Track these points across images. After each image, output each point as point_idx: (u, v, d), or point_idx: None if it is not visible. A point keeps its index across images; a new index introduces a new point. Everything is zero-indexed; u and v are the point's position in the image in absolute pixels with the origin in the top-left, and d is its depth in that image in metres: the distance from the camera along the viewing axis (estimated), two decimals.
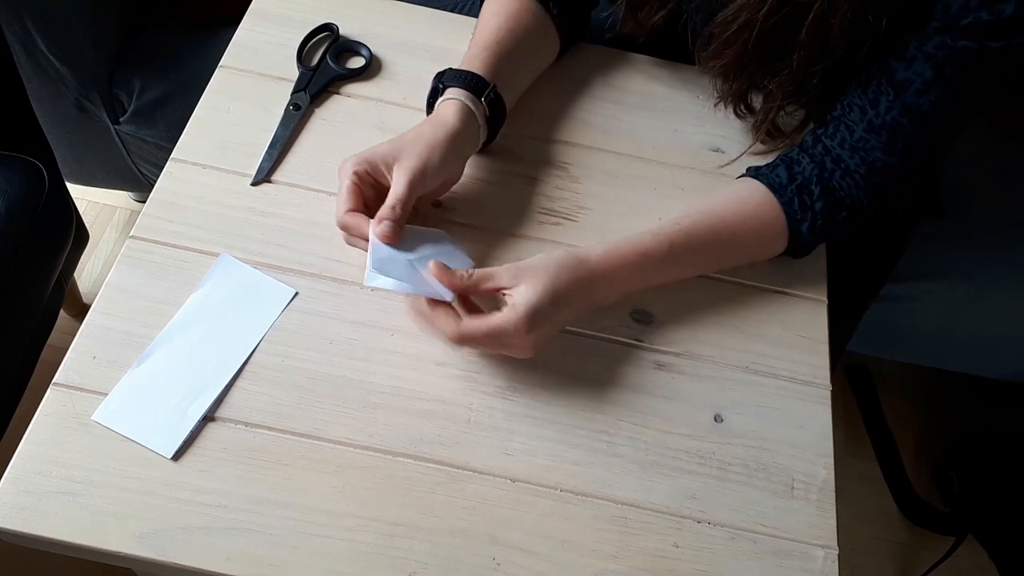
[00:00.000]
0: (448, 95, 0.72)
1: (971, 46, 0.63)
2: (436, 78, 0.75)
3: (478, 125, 0.73)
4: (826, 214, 0.72)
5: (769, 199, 0.72)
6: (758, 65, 0.72)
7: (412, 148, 0.67)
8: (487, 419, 0.65)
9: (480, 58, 0.74)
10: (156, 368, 0.64)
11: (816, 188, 0.72)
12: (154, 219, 0.71)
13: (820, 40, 0.67)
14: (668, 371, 0.69)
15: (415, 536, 0.60)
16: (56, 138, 1.23)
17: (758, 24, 0.68)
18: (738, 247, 0.73)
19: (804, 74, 0.70)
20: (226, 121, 0.77)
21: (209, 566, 0.57)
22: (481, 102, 0.72)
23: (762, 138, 0.79)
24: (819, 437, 0.67)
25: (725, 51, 0.72)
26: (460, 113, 0.71)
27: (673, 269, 0.71)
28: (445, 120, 0.70)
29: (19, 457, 0.59)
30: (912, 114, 0.68)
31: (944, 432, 1.48)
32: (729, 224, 0.71)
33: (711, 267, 0.74)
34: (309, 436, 0.62)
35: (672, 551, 0.62)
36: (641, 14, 0.79)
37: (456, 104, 0.71)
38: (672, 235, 0.69)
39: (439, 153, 0.68)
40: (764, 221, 0.72)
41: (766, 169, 0.75)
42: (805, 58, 0.68)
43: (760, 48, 0.70)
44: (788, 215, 0.72)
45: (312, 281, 0.69)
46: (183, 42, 1.16)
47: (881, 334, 1.19)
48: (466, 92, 0.72)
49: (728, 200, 0.73)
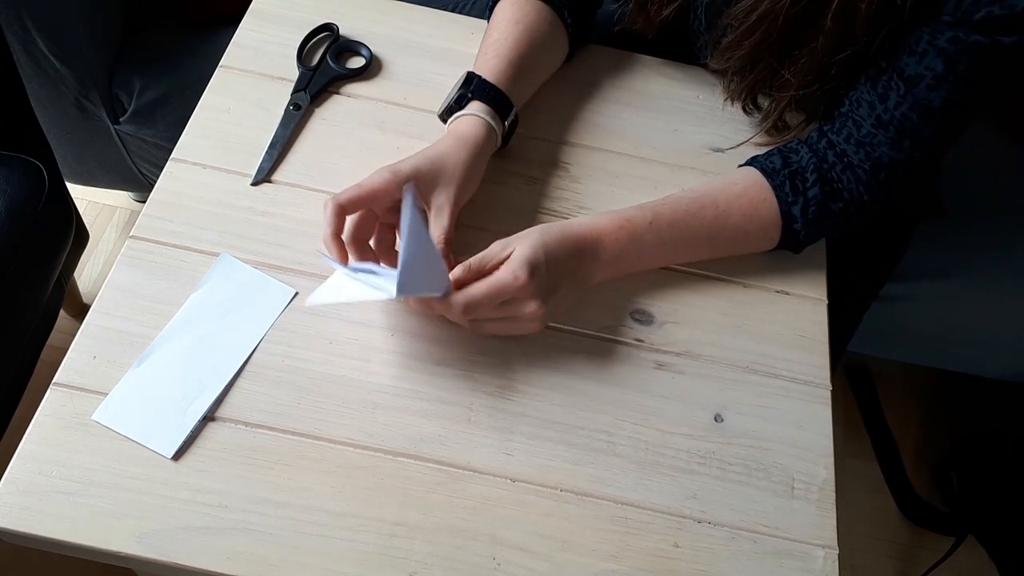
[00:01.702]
0: (474, 110, 0.73)
1: (983, 41, 0.63)
2: (465, 84, 0.74)
3: (496, 145, 0.75)
4: (820, 201, 0.72)
5: (760, 181, 0.73)
6: (776, 55, 0.72)
7: (453, 175, 0.69)
8: (487, 419, 0.65)
9: (507, 74, 0.75)
10: (156, 368, 0.64)
11: (811, 176, 0.72)
12: (154, 219, 0.71)
13: (845, 26, 0.66)
14: (668, 371, 0.69)
15: (415, 536, 0.60)
16: (56, 138, 1.23)
17: (781, 14, 0.67)
18: (727, 227, 0.72)
19: (825, 62, 0.69)
20: (226, 121, 0.78)
21: (209, 566, 0.57)
22: (504, 124, 0.74)
23: (768, 129, 0.79)
24: (819, 437, 0.67)
25: (743, 42, 0.72)
26: (485, 131, 0.72)
27: (660, 241, 0.71)
28: (475, 141, 0.71)
29: (19, 457, 0.59)
30: (922, 109, 0.68)
31: (944, 432, 1.48)
32: (718, 201, 0.72)
33: (702, 247, 0.73)
34: (309, 436, 0.63)
35: (672, 551, 0.62)
36: (651, 9, 0.79)
37: (483, 124, 0.72)
38: (656, 205, 0.71)
39: (475, 176, 0.71)
40: (752, 200, 0.72)
41: (761, 156, 0.75)
42: (828, 45, 0.68)
43: (780, 38, 0.70)
44: (779, 197, 0.72)
45: (312, 281, 0.69)
46: (183, 42, 1.16)
47: (881, 334, 1.19)
48: (491, 111, 0.73)
49: (718, 181, 0.74)
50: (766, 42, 0.70)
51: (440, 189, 0.68)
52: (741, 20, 0.70)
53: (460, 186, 0.69)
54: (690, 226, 0.71)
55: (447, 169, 0.68)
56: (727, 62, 0.75)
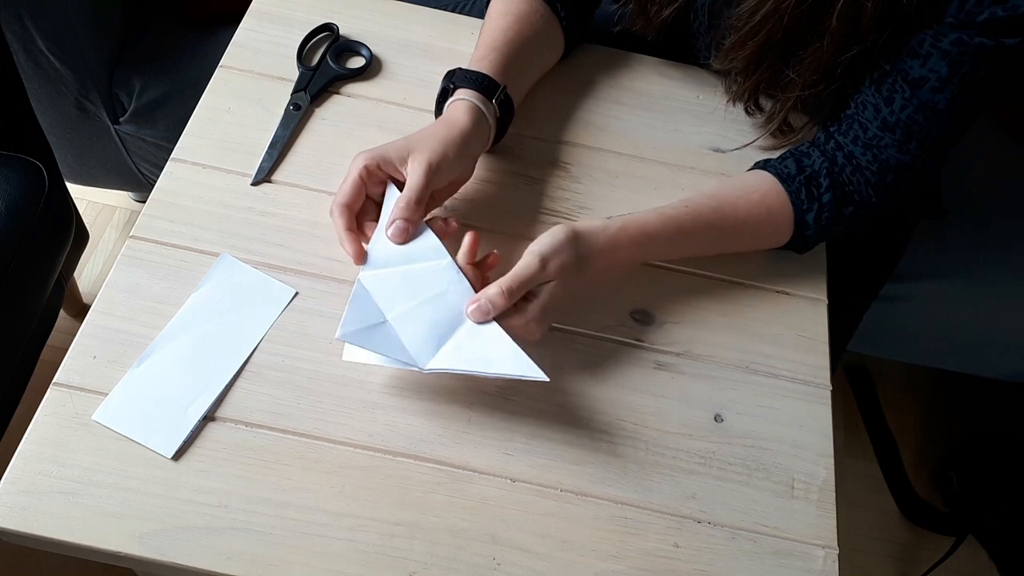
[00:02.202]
0: (459, 96, 0.72)
1: (987, 43, 0.63)
2: (446, 78, 0.75)
3: (488, 126, 0.73)
4: (832, 207, 0.72)
5: (776, 188, 0.73)
6: (780, 55, 0.72)
7: (426, 143, 0.68)
8: (487, 419, 0.65)
9: (489, 59, 0.74)
10: (156, 368, 0.64)
11: (825, 181, 0.72)
12: (154, 219, 0.71)
13: (851, 26, 0.66)
14: (668, 371, 0.69)
15: (415, 536, 0.60)
16: (56, 138, 1.23)
17: (786, 14, 0.67)
18: (742, 233, 0.73)
19: (831, 61, 0.69)
20: (226, 121, 0.77)
21: (209, 566, 0.57)
22: (492, 103, 0.73)
23: (772, 131, 0.79)
24: (819, 437, 0.67)
25: (748, 43, 0.71)
26: (471, 114, 0.71)
27: (676, 249, 0.72)
28: (457, 120, 0.70)
29: (19, 457, 0.59)
30: (927, 111, 0.68)
31: (944, 432, 1.48)
32: (738, 211, 0.72)
33: (713, 251, 0.74)
34: (309, 436, 0.62)
35: (672, 551, 0.62)
36: (651, 10, 0.79)
37: (467, 105, 0.71)
38: (679, 217, 0.70)
39: (453, 150, 0.68)
40: (770, 208, 0.72)
41: (775, 161, 0.75)
42: (833, 45, 0.68)
43: (784, 38, 0.69)
44: (794, 204, 0.72)
45: (312, 281, 0.69)
46: (183, 42, 1.16)
47: (881, 334, 1.19)
48: (477, 93, 0.72)
49: (735, 187, 0.74)
50: (770, 43, 0.70)
51: (413, 159, 0.67)
52: (745, 20, 0.70)
53: (432, 158, 0.67)
54: (707, 237, 0.72)
55: (420, 143, 0.68)
56: (731, 63, 0.75)
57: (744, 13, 0.70)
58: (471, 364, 0.61)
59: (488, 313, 0.62)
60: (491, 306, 0.62)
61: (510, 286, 0.62)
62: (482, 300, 0.62)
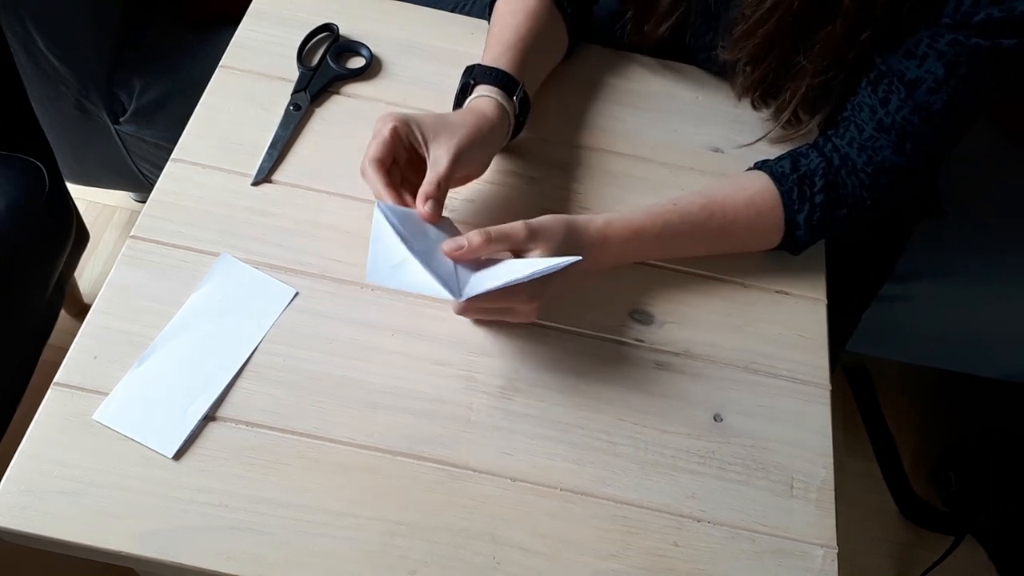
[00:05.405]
0: (481, 92, 0.72)
1: (983, 44, 0.63)
2: (465, 74, 0.74)
3: (509, 123, 0.73)
4: (825, 207, 0.72)
5: (769, 186, 0.73)
6: (790, 40, 0.71)
7: (456, 128, 0.67)
8: (487, 419, 0.65)
9: (507, 57, 0.74)
10: (157, 368, 0.64)
11: (820, 181, 0.72)
12: (154, 219, 0.71)
13: (865, 6, 0.66)
14: (668, 371, 0.69)
15: (415, 535, 0.60)
16: (56, 138, 1.23)
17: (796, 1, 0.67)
18: (732, 231, 0.73)
19: (843, 45, 0.69)
20: (226, 121, 0.78)
21: (209, 566, 0.57)
22: (513, 100, 0.73)
23: (782, 123, 0.78)
24: (819, 437, 0.67)
25: (758, 31, 0.71)
26: (497, 109, 0.71)
27: (665, 245, 0.72)
28: (485, 111, 0.70)
29: (20, 457, 0.59)
30: (923, 113, 0.68)
31: (943, 432, 1.48)
32: (726, 209, 0.72)
33: (704, 249, 0.74)
34: (309, 436, 0.63)
35: (672, 550, 0.62)
36: (647, 26, 0.79)
37: (491, 101, 0.71)
38: (667, 214, 0.70)
39: (480, 139, 0.68)
40: (760, 207, 0.72)
41: (772, 161, 0.75)
42: (847, 25, 0.67)
43: (796, 23, 0.69)
44: (786, 205, 0.72)
45: (312, 281, 0.69)
46: (183, 42, 1.16)
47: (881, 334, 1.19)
48: (499, 90, 0.72)
49: (727, 185, 0.74)
50: (782, 27, 0.70)
51: (441, 140, 0.66)
52: (754, 8, 0.70)
53: (462, 141, 0.66)
54: (694, 236, 0.72)
55: (450, 125, 0.67)
56: (740, 52, 0.75)
57: (753, 1, 0.70)
58: (503, 279, 0.61)
59: (461, 247, 0.62)
60: (466, 241, 0.62)
61: (489, 231, 0.62)
62: (459, 237, 0.63)
